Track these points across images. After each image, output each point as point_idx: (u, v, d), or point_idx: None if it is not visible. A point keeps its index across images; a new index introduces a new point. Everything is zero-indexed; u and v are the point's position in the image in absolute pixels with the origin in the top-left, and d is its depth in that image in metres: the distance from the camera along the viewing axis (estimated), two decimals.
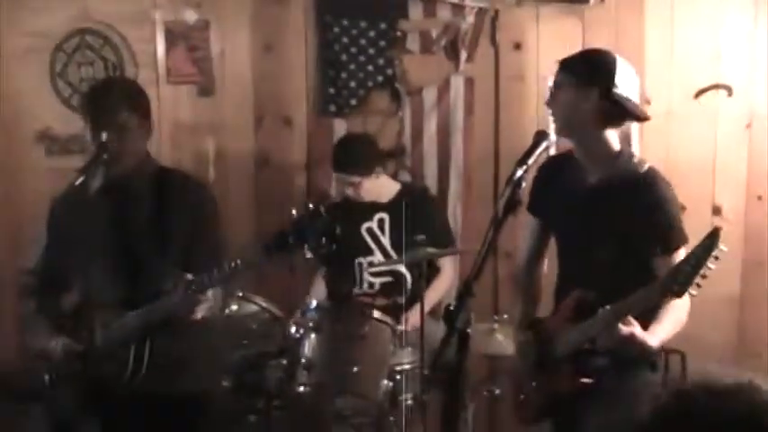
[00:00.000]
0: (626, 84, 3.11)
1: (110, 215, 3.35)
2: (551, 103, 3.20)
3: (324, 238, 2.91)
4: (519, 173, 2.73)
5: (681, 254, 3.03)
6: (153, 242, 3.31)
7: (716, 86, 4.71)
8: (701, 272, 2.75)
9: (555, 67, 3.21)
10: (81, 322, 3.31)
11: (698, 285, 2.78)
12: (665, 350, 4.70)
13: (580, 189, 3.22)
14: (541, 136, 2.87)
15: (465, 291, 2.60)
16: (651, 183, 3.13)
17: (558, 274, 3.40)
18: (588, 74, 3.10)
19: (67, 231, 3.40)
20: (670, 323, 3.04)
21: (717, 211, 4.76)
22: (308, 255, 3.55)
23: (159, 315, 3.17)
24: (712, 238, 2.75)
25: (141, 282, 3.29)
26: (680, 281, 2.78)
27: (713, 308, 4.83)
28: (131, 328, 3.22)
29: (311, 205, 2.91)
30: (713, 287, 4.70)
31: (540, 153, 2.84)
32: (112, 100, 3.32)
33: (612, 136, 3.17)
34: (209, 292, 3.16)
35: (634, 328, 2.91)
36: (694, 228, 4.68)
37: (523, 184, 2.73)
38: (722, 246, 2.74)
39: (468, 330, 2.58)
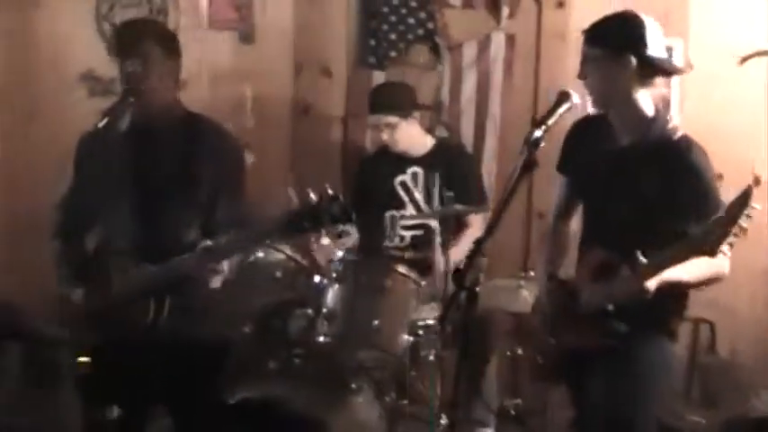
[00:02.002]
0: (656, 41, 3.08)
1: (134, 157, 3.36)
2: (585, 76, 3.13)
3: (339, 225, 2.94)
4: (537, 133, 2.70)
5: None
6: (176, 188, 3.32)
7: (761, 53, 4.61)
8: (733, 230, 2.71)
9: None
10: (101, 266, 3.33)
11: (730, 245, 2.75)
12: (695, 319, 4.71)
13: (611, 151, 3.19)
14: (564, 97, 2.84)
15: (475, 250, 2.58)
16: (686, 149, 3.08)
17: (581, 236, 3.37)
18: (623, 43, 3.05)
19: (91, 171, 3.41)
20: (692, 266, 2.95)
21: (757, 181, 4.67)
22: (324, 240, 3.61)
23: (175, 275, 3.19)
24: (745, 196, 2.71)
25: (162, 228, 3.30)
26: (711, 239, 2.74)
27: (747, 280, 4.77)
28: (150, 281, 3.24)
29: (330, 190, 2.92)
30: (748, 259, 4.70)
31: (562, 114, 2.81)
32: (137, 30, 3.35)
33: (646, 99, 3.13)
34: (225, 263, 3.19)
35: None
36: (734, 197, 4.66)
37: (542, 145, 2.70)
38: (755, 204, 2.70)
39: (477, 289, 2.58)
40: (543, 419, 4.56)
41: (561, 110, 2.80)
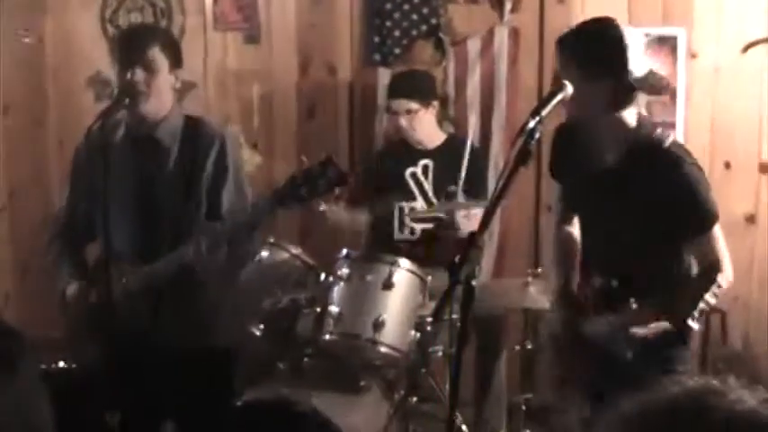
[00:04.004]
0: (637, 60, 2.86)
1: (130, 164, 3.35)
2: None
3: (336, 189, 2.90)
4: (532, 123, 2.63)
5: (714, 232, 2.93)
6: (173, 193, 3.31)
7: (765, 40, 4.56)
8: (701, 306, 2.77)
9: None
10: (101, 272, 3.28)
11: (698, 316, 2.79)
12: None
13: (598, 165, 3.03)
14: (558, 87, 2.78)
15: (469, 243, 2.54)
16: (676, 161, 2.90)
17: (582, 248, 3.30)
18: (600, 65, 2.86)
19: (90, 179, 3.39)
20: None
21: (764, 168, 4.64)
22: (322, 206, 3.54)
23: (173, 269, 3.17)
24: (711, 275, 2.74)
25: (161, 234, 3.29)
26: (679, 311, 2.78)
27: (758, 268, 4.74)
28: (147, 283, 3.23)
29: (324, 154, 2.89)
30: (759, 247, 4.66)
31: (556, 104, 2.77)
32: (143, 39, 3.32)
33: (629, 113, 2.95)
34: (223, 252, 3.15)
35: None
36: (741, 185, 4.63)
37: (537, 135, 2.65)
38: (721, 281, 2.76)
39: (473, 283, 2.54)
40: (555, 415, 4.54)
41: (556, 100, 2.74)
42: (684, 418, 1.08)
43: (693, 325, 2.80)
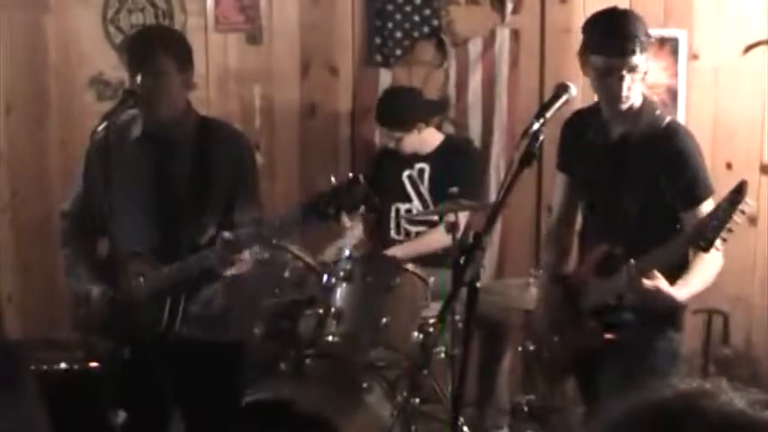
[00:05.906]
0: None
1: (146, 164, 3.37)
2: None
3: (363, 208, 2.94)
4: (536, 126, 2.69)
5: (707, 205, 2.99)
6: (190, 193, 3.33)
7: (766, 42, 4.57)
8: (728, 226, 2.71)
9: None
10: (115, 270, 3.33)
11: (723, 240, 2.75)
12: (708, 311, 4.68)
13: (603, 143, 3.19)
14: (561, 89, 2.82)
15: (474, 245, 2.56)
16: (673, 135, 3.09)
17: (580, 230, 3.36)
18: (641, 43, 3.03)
19: (102, 177, 3.36)
20: (698, 278, 3.01)
21: (765, 169, 4.64)
22: (347, 223, 3.61)
23: (194, 271, 3.21)
24: (739, 191, 2.71)
25: (176, 233, 3.31)
26: (707, 235, 2.74)
27: (760, 270, 4.74)
28: (166, 283, 3.25)
29: (351, 174, 2.92)
30: (760, 248, 4.67)
31: (560, 107, 2.80)
32: (150, 44, 3.31)
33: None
34: (246, 252, 3.18)
35: (658, 281, 2.88)
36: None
37: (540, 138, 2.68)
38: (748, 199, 2.72)
39: (477, 284, 2.56)
40: (557, 415, 4.54)
41: (559, 102, 2.79)
42: (674, 419, 1.08)
43: (719, 247, 2.78)
